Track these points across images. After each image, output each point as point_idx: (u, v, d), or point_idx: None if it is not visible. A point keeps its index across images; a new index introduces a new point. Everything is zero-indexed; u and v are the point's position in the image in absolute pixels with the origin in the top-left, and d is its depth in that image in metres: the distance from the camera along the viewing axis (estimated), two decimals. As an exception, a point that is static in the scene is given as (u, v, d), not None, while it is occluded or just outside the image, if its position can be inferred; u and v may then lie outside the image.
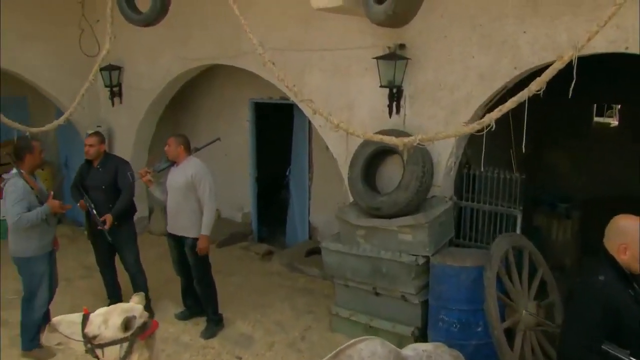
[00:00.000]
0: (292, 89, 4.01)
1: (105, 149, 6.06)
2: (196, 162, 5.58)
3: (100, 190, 5.80)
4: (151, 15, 5.37)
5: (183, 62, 7.30)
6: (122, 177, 5.84)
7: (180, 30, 7.18)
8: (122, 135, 8.61)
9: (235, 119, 8.93)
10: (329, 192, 7.94)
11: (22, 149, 5.14)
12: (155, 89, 7.80)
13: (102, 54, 5.53)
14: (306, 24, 5.81)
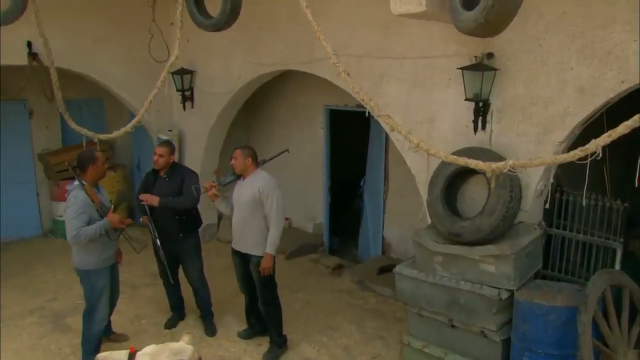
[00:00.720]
0: (368, 102, 3.71)
1: (174, 159, 5.95)
2: (264, 175, 5.36)
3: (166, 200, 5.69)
4: (221, 20, 5.20)
5: (255, 67, 7.12)
6: (189, 188, 5.69)
7: (252, 33, 7.02)
8: (193, 140, 8.56)
9: (309, 126, 8.72)
10: (405, 207, 7.60)
11: (85, 160, 5.07)
12: (227, 94, 7.67)
13: (171, 60, 5.46)
14: (385, 29, 5.47)
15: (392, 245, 7.97)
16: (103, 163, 5.15)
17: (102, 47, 7.81)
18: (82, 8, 7.56)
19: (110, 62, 7.92)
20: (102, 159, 5.14)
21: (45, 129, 9.36)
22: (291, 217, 9.37)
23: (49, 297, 7.02)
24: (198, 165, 8.46)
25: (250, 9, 6.82)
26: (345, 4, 5.85)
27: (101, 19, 7.74)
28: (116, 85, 8.10)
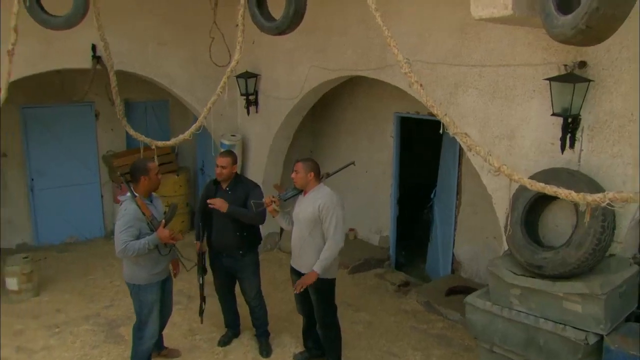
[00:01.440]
0: (443, 118, 3.31)
1: (237, 170, 5.68)
2: (326, 192, 5.01)
3: (228, 215, 5.39)
4: (284, 23, 4.89)
5: (321, 72, 6.78)
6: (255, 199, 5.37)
7: (319, 37, 6.70)
8: (257, 146, 8.32)
9: (379, 134, 8.33)
10: (479, 224, 7.09)
11: (138, 170, 4.87)
12: (292, 99, 7.37)
13: (232, 65, 5.20)
14: (463, 34, 5.00)
15: (463, 263, 7.47)
16: (156, 174, 4.93)
17: (166, 49, 7.68)
18: (147, 10, 7.47)
19: (173, 65, 7.78)
20: (155, 169, 4.92)
21: (110, 131, 9.36)
22: (357, 229, 9.02)
23: (106, 304, 6.95)
24: (261, 172, 8.24)
25: (318, 11, 6.52)
26: (419, 5, 5.42)
27: (166, 21, 7.62)
28: (179, 89, 7.96)
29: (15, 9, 5.46)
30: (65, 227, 9.28)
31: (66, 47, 6.90)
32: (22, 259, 7.21)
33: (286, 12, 4.86)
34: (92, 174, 9.47)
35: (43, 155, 9.00)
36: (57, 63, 7.03)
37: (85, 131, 9.24)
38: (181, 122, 9.52)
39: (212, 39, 5.86)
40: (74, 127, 9.10)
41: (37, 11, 5.57)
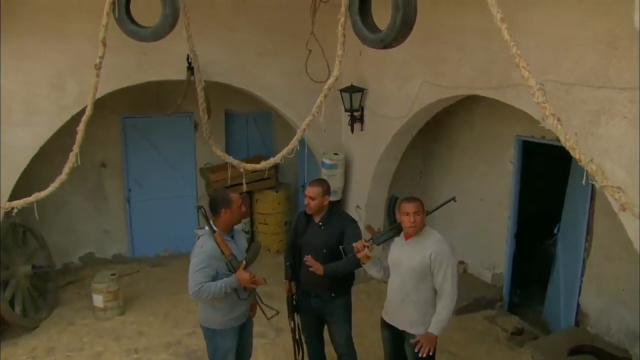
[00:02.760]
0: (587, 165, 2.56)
1: (329, 200, 5.05)
2: (436, 237, 4.29)
3: (320, 253, 4.82)
4: (389, 35, 4.24)
5: (435, 89, 6.05)
6: (350, 240, 4.69)
7: (433, 49, 5.98)
8: (361, 166, 7.70)
9: (497, 158, 7.46)
10: (613, 273, 6.09)
11: (218, 202, 4.37)
12: (401, 118, 6.68)
13: (329, 82, 4.63)
14: (610, 49, 4.09)
15: (590, 316, 6.43)
16: (239, 207, 4.40)
17: (265, 60, 7.27)
18: (245, 19, 7.14)
19: (273, 77, 7.35)
20: (238, 202, 4.39)
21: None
22: (466, 262, 8.17)
23: (188, 330, 6.60)
24: (364, 195, 7.62)
25: (432, 21, 5.82)
26: (553, 14, 4.56)
27: (266, 30, 7.24)
28: (279, 102, 7.51)
29: (104, 21, 5.18)
30: (160, 240, 9.12)
31: (161, 58, 6.64)
32: (109, 276, 7.05)
33: (393, 22, 4.20)
34: (189, 187, 9.27)
35: (141, 166, 8.90)
36: (151, 74, 6.80)
37: (184, 142, 9.05)
38: (285, 135, 9.06)
39: (309, 52, 5.31)
40: (173, 138, 8.93)
41: (126, 22, 5.26)
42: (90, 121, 8.24)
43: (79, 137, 5.51)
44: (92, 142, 8.54)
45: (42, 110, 6.50)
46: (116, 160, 8.81)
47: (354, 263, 4.71)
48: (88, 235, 8.91)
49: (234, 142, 9.57)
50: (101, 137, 8.57)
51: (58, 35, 6.38)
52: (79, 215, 8.80)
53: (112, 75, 6.59)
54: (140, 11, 5.42)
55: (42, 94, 6.47)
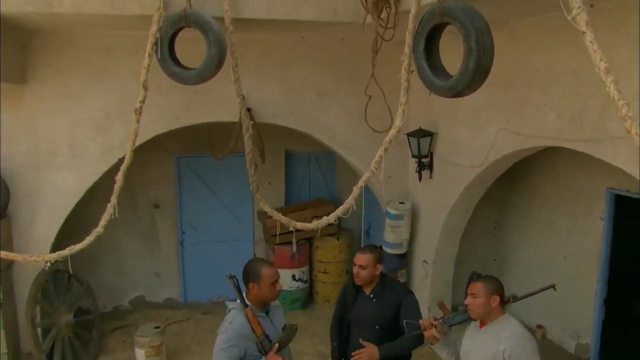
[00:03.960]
0: None
1: (383, 269, 4.40)
2: (516, 330, 3.51)
3: (372, 330, 4.19)
4: (461, 81, 3.61)
5: (514, 137, 5.32)
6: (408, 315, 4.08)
7: (513, 93, 5.27)
8: (429, 217, 6.99)
9: (584, 213, 6.63)
10: None
11: (247, 274, 3.80)
12: (475, 168, 5.96)
13: (391, 134, 4.06)
14: None
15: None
16: (271, 284, 3.77)
17: (326, 100, 6.74)
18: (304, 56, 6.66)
19: (334, 118, 6.79)
20: (269, 278, 3.75)
21: (268, 185, 8.59)
22: (545, 326, 7.29)
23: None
24: (432, 250, 6.90)
25: (511, 60, 5.13)
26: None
27: (327, 68, 6.73)
28: (340, 146, 6.93)
29: (146, 62, 4.80)
30: (213, 285, 8.62)
31: (212, 99, 6.22)
32: (153, 329, 6.61)
33: (465, 67, 3.57)
34: (246, 231, 8.80)
35: (196, 208, 8.52)
36: (201, 116, 6.39)
37: (241, 183, 8.53)
38: (349, 176, 8.48)
39: (369, 98, 4.74)
40: (229, 179, 8.50)
41: (168, 63, 4.85)
42: (144, 161, 8.06)
43: (116, 187, 5.12)
44: (145, 182, 8.28)
45: (87, 154, 6.21)
46: (170, 201, 8.46)
47: (416, 342, 4.08)
48: (139, 278, 8.57)
49: (294, 183, 9.07)
50: (155, 177, 8.27)
51: (104, 75, 6.08)
52: (130, 257, 8.48)
53: (161, 116, 6.25)
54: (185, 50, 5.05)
55: (88, 136, 6.17)
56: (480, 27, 3.45)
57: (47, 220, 6.25)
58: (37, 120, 6.06)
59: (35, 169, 6.15)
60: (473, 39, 3.44)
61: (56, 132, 6.11)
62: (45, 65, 5.98)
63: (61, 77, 6.02)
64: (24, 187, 6.15)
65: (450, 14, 3.56)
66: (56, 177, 6.19)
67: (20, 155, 6.09)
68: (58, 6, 4.82)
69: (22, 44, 5.87)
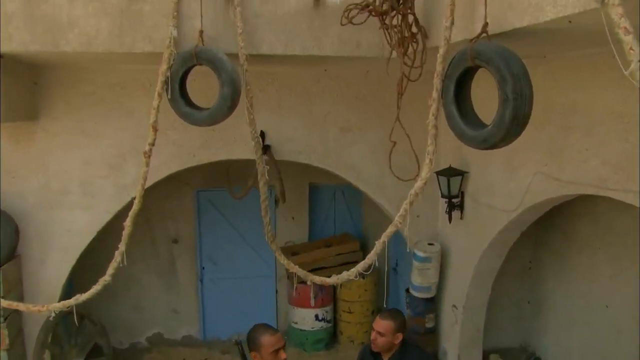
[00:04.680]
0: None
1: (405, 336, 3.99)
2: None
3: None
4: (496, 133, 3.20)
5: (552, 182, 4.86)
6: None
7: (551, 134, 4.81)
8: (459, 260, 6.53)
9: (628, 259, 6.08)
10: None
11: (249, 342, 3.59)
12: (509, 212, 5.49)
13: (417, 186, 3.67)
14: None
15: None
16: (273, 353, 3.43)
17: (350, 136, 6.35)
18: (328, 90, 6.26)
19: (359, 155, 6.38)
20: (270, 347, 3.44)
21: (291, 219, 8.24)
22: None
23: None
24: (462, 295, 6.43)
25: (550, 97, 4.69)
26: None
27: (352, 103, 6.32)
28: (366, 184, 6.52)
29: (155, 102, 4.49)
30: (233, 323, 8.23)
31: (230, 135, 5.89)
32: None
33: (500, 117, 3.16)
34: (268, 267, 8.42)
35: (216, 243, 8.21)
36: (219, 153, 6.06)
37: (262, 218, 8.28)
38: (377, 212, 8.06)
39: (394, 144, 4.34)
40: (251, 214, 8.09)
41: (179, 104, 4.54)
42: (163, 195, 7.77)
43: (125, 234, 4.80)
44: (164, 217, 8.02)
45: (100, 192, 5.91)
46: (189, 236, 8.16)
47: None
48: (157, 314, 8.28)
49: (319, 218, 8.69)
50: (174, 211, 8.01)
51: (117, 111, 5.80)
52: (148, 293, 8.20)
53: (176, 154, 5.95)
54: (201, 84, 4.75)
55: (101, 174, 5.88)
56: (518, 72, 3.05)
57: (59, 260, 5.97)
58: (49, 157, 5.80)
59: (46, 208, 5.88)
60: (509, 87, 3.04)
61: (68, 170, 5.84)
62: (57, 101, 5.73)
63: (73, 113, 5.76)
64: (35, 226, 5.88)
65: (483, 56, 3.17)
66: (68, 216, 5.91)
67: (30, 194, 5.83)
68: (65, 44, 4.55)
69: (33, 80, 5.63)
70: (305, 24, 4.85)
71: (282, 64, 5.67)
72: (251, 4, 4.70)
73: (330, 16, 4.87)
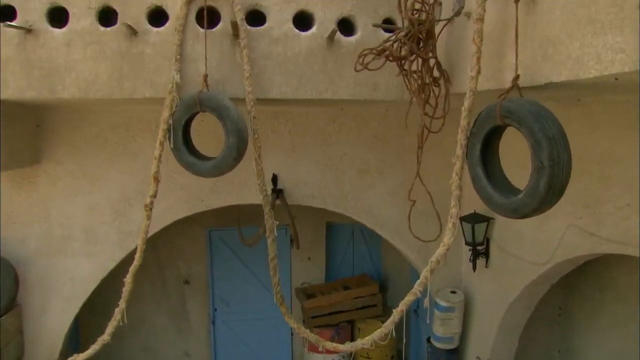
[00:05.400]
0: None
1: None
2: None
3: None
4: (528, 204, 2.78)
5: (588, 238, 4.40)
6: None
7: (586, 184, 4.35)
8: (484, 310, 6.05)
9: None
10: None
11: None
12: (538, 265, 5.02)
13: (439, 252, 3.28)
14: None
15: None
16: None
17: (367, 179, 5.95)
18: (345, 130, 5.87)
19: (377, 199, 5.97)
20: None
21: (307, 260, 7.84)
22: None
23: None
24: (487, 346, 5.95)
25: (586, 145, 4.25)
26: None
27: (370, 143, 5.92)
28: (384, 230, 6.08)
29: (157, 152, 4.15)
30: (252, 363, 7.95)
31: (239, 180, 5.53)
32: None
33: (534, 185, 2.74)
34: (283, 308, 8.03)
35: (228, 283, 7.84)
36: (229, 198, 5.72)
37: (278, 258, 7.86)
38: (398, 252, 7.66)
39: (413, 203, 3.93)
40: (265, 253, 7.70)
41: (182, 153, 4.18)
42: (174, 234, 7.41)
43: (125, 290, 4.45)
44: (175, 256, 7.68)
45: (104, 239, 5.59)
46: (201, 276, 7.81)
47: None
48: (168, 357, 7.95)
49: (336, 258, 8.29)
50: (185, 250, 7.68)
51: (122, 154, 5.49)
52: (158, 335, 7.87)
53: (183, 199, 5.61)
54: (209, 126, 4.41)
55: (105, 220, 5.55)
56: (555, 136, 2.63)
57: (61, 309, 5.64)
58: (51, 202, 5.49)
59: (48, 254, 5.56)
60: (545, 153, 2.62)
61: (71, 216, 5.52)
62: (60, 143, 5.43)
63: (77, 157, 5.46)
64: (36, 274, 5.57)
65: (515, 116, 2.75)
66: (70, 263, 5.59)
67: (32, 240, 5.53)
68: (62, 91, 4.25)
69: (35, 122, 5.34)
70: (318, 66, 4.47)
71: (295, 104, 5.31)
72: (259, 45, 4.35)
73: (344, 57, 4.50)
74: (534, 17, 2.91)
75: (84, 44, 4.19)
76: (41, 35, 4.20)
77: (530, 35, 2.93)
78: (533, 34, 2.92)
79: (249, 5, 4.35)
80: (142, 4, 4.21)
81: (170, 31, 4.22)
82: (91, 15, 4.18)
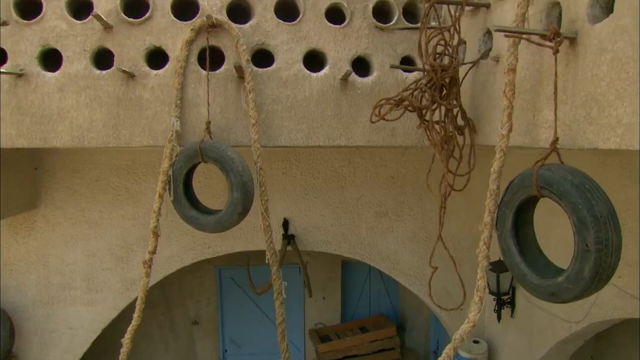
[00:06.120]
0: None
1: None
2: None
3: None
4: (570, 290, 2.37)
5: (628, 301, 3.96)
6: None
7: (628, 244, 3.88)
8: (509, 363, 5.62)
9: None
10: None
11: None
12: (571, 323, 4.58)
13: (465, 328, 2.89)
14: None
15: None
16: None
17: (385, 223, 5.55)
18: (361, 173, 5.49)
19: (395, 243, 5.59)
20: None
21: (322, 300, 7.43)
22: None
23: None
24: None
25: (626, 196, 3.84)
26: None
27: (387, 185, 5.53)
28: (403, 276, 5.66)
29: (156, 205, 3.78)
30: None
31: (248, 225, 5.15)
32: None
33: (577, 271, 2.33)
34: (296, 350, 7.62)
35: (239, 323, 7.45)
36: (237, 244, 5.39)
37: (291, 297, 7.47)
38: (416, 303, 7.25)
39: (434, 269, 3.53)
40: (279, 292, 7.41)
41: (184, 206, 3.82)
42: (183, 273, 7.01)
43: (123, 352, 4.08)
44: (184, 296, 7.31)
45: (105, 287, 5.25)
46: (210, 316, 7.43)
47: None
48: (176, 401, 7.53)
49: (352, 298, 7.87)
50: (194, 289, 7.32)
51: (124, 197, 5.15)
52: (167, 378, 7.46)
53: (189, 246, 5.25)
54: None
55: (106, 267, 5.21)
56: (603, 215, 2.21)
57: (62, 359, 5.31)
58: (49, 249, 5.16)
59: (46, 303, 5.24)
60: (591, 235, 2.22)
61: (70, 263, 5.19)
62: (59, 187, 5.12)
63: (77, 201, 5.13)
64: (34, 323, 5.23)
65: (555, 188, 2.35)
66: (70, 312, 5.26)
67: (29, 289, 5.20)
68: (54, 139, 3.90)
69: (34, 165, 5.03)
70: (330, 110, 4.08)
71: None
72: (266, 88, 3.97)
73: (360, 99, 4.10)
74: (574, 71, 2.51)
75: (77, 88, 3.85)
76: (33, 80, 3.85)
77: (570, 91, 2.53)
78: (574, 89, 2.51)
79: (255, 45, 3.96)
80: (140, 45, 3.85)
81: (170, 74, 3.85)
82: (86, 58, 3.84)
